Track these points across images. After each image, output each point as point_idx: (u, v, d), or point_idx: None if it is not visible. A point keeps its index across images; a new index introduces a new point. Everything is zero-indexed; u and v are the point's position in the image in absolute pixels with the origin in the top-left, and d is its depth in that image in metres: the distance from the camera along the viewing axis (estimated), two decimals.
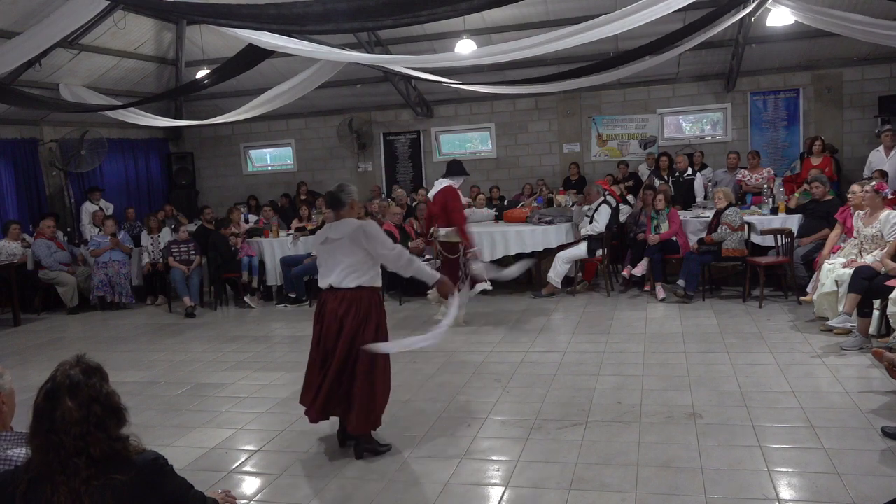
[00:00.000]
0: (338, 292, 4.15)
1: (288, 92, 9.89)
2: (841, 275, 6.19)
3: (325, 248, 4.26)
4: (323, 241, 4.28)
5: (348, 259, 4.15)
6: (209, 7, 5.80)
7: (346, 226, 4.22)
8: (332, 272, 4.19)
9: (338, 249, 4.17)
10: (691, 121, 12.56)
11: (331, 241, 4.22)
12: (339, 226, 4.25)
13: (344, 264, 4.15)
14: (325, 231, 4.36)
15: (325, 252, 4.26)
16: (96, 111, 10.17)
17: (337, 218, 4.31)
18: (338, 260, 4.17)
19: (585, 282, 9.04)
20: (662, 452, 4.02)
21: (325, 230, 4.36)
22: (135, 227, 11.18)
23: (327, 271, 4.22)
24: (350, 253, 4.14)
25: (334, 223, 4.30)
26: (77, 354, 2.13)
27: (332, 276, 4.18)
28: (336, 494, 3.80)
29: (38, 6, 7.86)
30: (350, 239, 4.14)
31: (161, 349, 7.45)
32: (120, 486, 2.02)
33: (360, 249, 4.14)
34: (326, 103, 12.89)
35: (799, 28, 9.46)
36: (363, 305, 4.15)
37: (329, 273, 4.20)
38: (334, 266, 4.18)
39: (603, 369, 5.66)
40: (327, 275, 4.22)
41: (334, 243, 4.19)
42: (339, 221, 4.28)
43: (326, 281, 4.22)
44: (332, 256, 4.20)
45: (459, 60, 8.79)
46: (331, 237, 4.23)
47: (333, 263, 4.19)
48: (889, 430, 4.03)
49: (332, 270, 4.19)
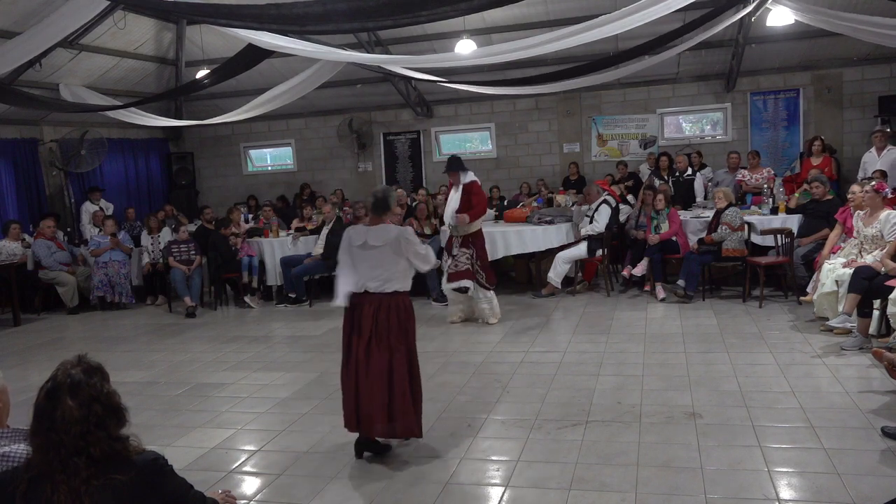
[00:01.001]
0: (374, 297, 4.14)
1: (288, 92, 9.89)
2: (841, 275, 6.19)
3: (362, 253, 4.19)
4: (360, 245, 4.21)
5: (391, 267, 4.16)
6: (209, 7, 5.80)
7: (387, 233, 4.19)
8: (369, 277, 4.15)
9: (378, 256, 4.15)
10: (691, 121, 12.56)
11: (369, 247, 4.17)
12: (380, 232, 4.20)
13: (384, 271, 4.15)
14: (361, 233, 4.26)
15: (361, 256, 4.20)
16: (96, 111, 10.17)
17: (376, 222, 4.27)
18: (377, 266, 4.15)
19: (585, 282, 9.04)
20: (662, 452, 4.02)
21: (362, 233, 4.26)
22: (135, 227, 11.17)
23: (364, 275, 4.17)
24: (393, 262, 4.16)
25: (374, 228, 4.24)
26: (78, 354, 2.14)
27: (369, 281, 4.15)
28: (336, 494, 3.80)
29: (38, 6, 7.86)
30: (392, 248, 4.15)
31: (161, 349, 7.45)
32: (120, 486, 2.02)
33: (402, 258, 4.18)
34: (326, 103, 12.89)
35: (799, 28, 9.47)
36: (401, 310, 4.17)
37: (366, 277, 4.16)
38: (372, 271, 4.15)
39: (603, 369, 5.66)
40: (364, 279, 4.17)
41: (374, 249, 4.16)
42: (379, 227, 4.23)
43: (362, 285, 4.17)
44: (370, 261, 4.17)
45: (459, 60, 8.79)
46: (370, 242, 4.17)
47: (371, 268, 4.16)
48: (889, 430, 4.03)
49: (370, 275, 4.15)
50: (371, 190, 4.44)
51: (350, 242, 4.26)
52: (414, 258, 4.23)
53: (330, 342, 7.21)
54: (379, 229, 4.23)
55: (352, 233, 4.31)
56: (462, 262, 7.39)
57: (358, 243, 4.22)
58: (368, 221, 4.34)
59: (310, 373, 6.13)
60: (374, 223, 4.27)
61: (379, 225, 4.25)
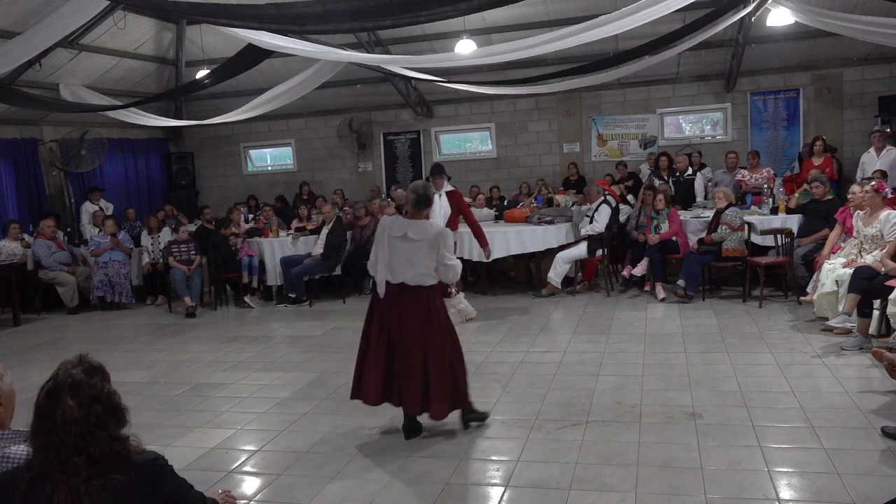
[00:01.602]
0: (412, 289, 4.29)
1: (288, 92, 9.89)
2: (841, 275, 6.19)
3: (400, 244, 4.31)
4: (400, 236, 4.31)
5: (426, 262, 4.29)
6: (209, 7, 5.80)
7: (426, 229, 4.32)
8: (406, 270, 4.29)
9: (415, 250, 4.28)
10: (691, 121, 12.56)
11: (408, 240, 4.29)
12: (419, 227, 4.32)
13: (421, 265, 4.29)
14: (401, 225, 4.36)
15: (399, 247, 4.31)
16: (96, 111, 10.17)
17: (416, 216, 4.38)
18: (414, 260, 4.28)
19: (585, 282, 9.04)
20: (662, 452, 4.02)
21: (402, 225, 4.36)
22: (135, 227, 11.17)
23: (401, 268, 4.31)
24: (428, 257, 4.29)
25: (413, 222, 4.35)
26: (79, 354, 2.14)
27: (406, 273, 4.29)
28: (336, 494, 3.80)
29: (38, 6, 7.86)
30: (430, 244, 4.27)
31: (161, 349, 7.45)
32: (120, 486, 2.02)
33: (435, 254, 4.30)
34: (326, 103, 12.89)
35: (799, 28, 9.47)
36: (437, 301, 4.37)
37: (403, 270, 4.30)
38: (409, 264, 4.29)
39: (603, 369, 5.66)
40: (401, 271, 4.30)
41: (412, 243, 4.28)
42: (418, 222, 4.35)
43: (399, 277, 4.31)
44: (407, 254, 4.29)
45: (459, 60, 8.79)
46: (410, 235, 4.29)
47: (408, 261, 4.29)
48: (889, 430, 4.03)
49: (407, 268, 4.29)
50: (411, 185, 4.52)
51: (389, 232, 4.35)
52: (442, 261, 4.32)
53: (330, 342, 7.21)
54: (420, 224, 4.35)
55: (391, 223, 4.41)
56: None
57: (397, 234, 4.33)
58: (408, 215, 4.45)
59: (310, 373, 6.13)
60: (414, 217, 4.39)
61: (419, 220, 4.36)
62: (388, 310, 4.36)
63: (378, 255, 4.39)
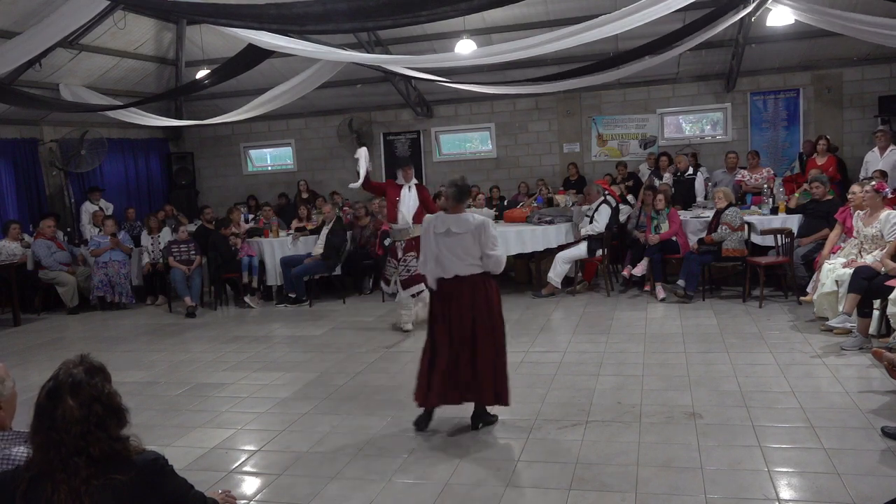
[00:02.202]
0: (465, 280, 4.41)
1: (288, 92, 9.89)
2: (841, 275, 6.19)
3: (445, 240, 4.42)
4: (444, 232, 4.42)
5: (472, 253, 4.39)
6: (209, 7, 5.80)
7: (468, 221, 4.42)
8: (455, 263, 4.41)
9: (461, 243, 4.38)
10: (691, 121, 12.56)
11: (452, 234, 4.40)
12: (461, 221, 4.43)
13: (467, 257, 4.40)
14: (443, 221, 4.47)
15: (444, 243, 4.42)
16: (96, 111, 10.17)
17: (457, 210, 4.48)
18: (460, 253, 4.40)
19: (585, 282, 9.04)
20: (662, 452, 4.02)
21: (445, 221, 4.47)
22: (135, 227, 11.17)
23: (449, 262, 4.42)
24: (473, 248, 4.39)
25: (455, 217, 4.46)
26: (81, 354, 2.14)
27: (455, 267, 4.41)
28: (336, 494, 3.80)
29: (38, 6, 7.85)
30: (473, 235, 4.37)
31: (161, 349, 7.45)
32: (120, 486, 2.02)
33: (478, 245, 4.38)
34: (326, 103, 12.89)
35: (799, 28, 9.47)
36: (490, 288, 4.48)
37: (452, 264, 4.42)
38: (457, 258, 4.40)
39: (603, 369, 5.66)
40: (450, 265, 4.42)
41: (456, 237, 4.39)
42: (460, 216, 4.46)
43: (451, 271, 4.42)
44: (454, 249, 4.40)
45: (459, 60, 8.79)
46: (453, 230, 4.40)
47: (455, 255, 4.41)
48: (889, 430, 4.03)
49: (456, 262, 4.41)
50: (450, 180, 4.59)
51: (434, 230, 4.47)
52: (488, 250, 4.39)
53: (330, 342, 7.21)
54: (461, 218, 4.45)
55: (435, 221, 4.53)
56: (413, 267, 7.13)
57: (441, 230, 4.45)
58: (450, 210, 4.53)
59: (310, 373, 6.13)
60: (456, 211, 4.49)
61: (460, 214, 4.47)
62: (447, 305, 4.47)
63: (426, 253, 4.53)
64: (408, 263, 7.19)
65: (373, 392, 5.50)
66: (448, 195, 4.52)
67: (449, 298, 4.45)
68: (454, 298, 4.43)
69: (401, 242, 7.29)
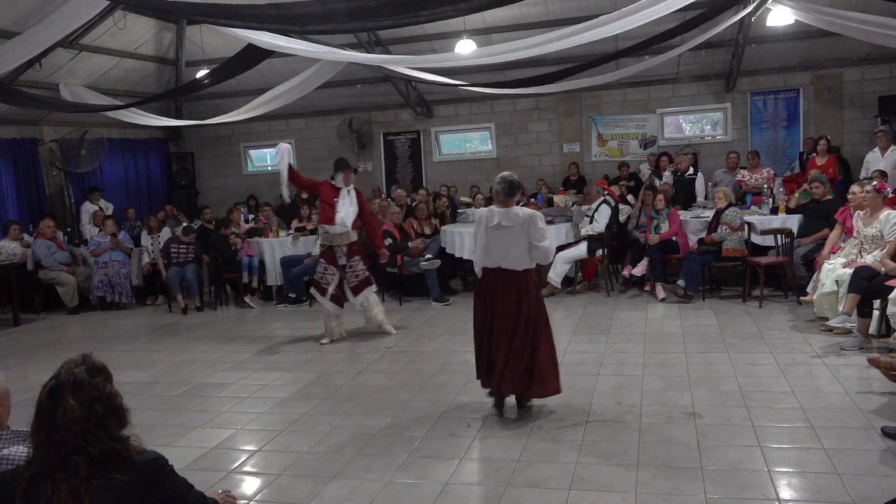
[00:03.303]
0: (508, 273, 4.61)
1: (288, 92, 9.89)
2: (841, 275, 6.19)
3: (495, 233, 4.62)
4: (495, 225, 4.61)
5: (519, 245, 4.59)
6: (209, 7, 5.80)
7: (518, 214, 4.63)
8: (503, 255, 4.62)
9: (509, 236, 4.59)
10: (691, 121, 12.56)
11: (502, 227, 4.60)
12: (511, 214, 4.63)
13: (515, 249, 4.59)
14: (494, 215, 4.66)
15: (494, 236, 4.63)
16: (96, 111, 10.17)
17: (507, 204, 4.67)
18: (509, 245, 4.60)
19: (585, 282, 9.04)
20: (662, 452, 4.02)
21: (495, 214, 4.65)
22: (135, 227, 11.18)
23: (497, 254, 4.63)
24: (520, 241, 4.58)
25: (505, 210, 4.65)
26: (83, 353, 2.14)
27: (503, 259, 4.62)
28: (336, 494, 3.80)
29: (38, 6, 7.85)
30: (521, 227, 4.57)
31: (161, 349, 7.45)
32: (120, 486, 2.02)
33: (527, 237, 4.58)
34: (326, 103, 12.89)
35: (799, 28, 9.47)
36: (532, 285, 4.68)
37: (500, 256, 4.63)
38: (505, 250, 4.61)
39: (603, 369, 5.66)
40: (498, 257, 4.63)
41: (506, 230, 4.59)
42: (510, 209, 4.66)
43: (497, 262, 4.63)
44: (502, 241, 4.61)
45: (459, 60, 8.79)
46: (503, 223, 4.60)
47: (504, 247, 4.61)
48: (889, 430, 4.03)
49: (504, 254, 4.62)
50: (500, 176, 4.73)
51: (485, 223, 4.67)
52: (535, 241, 4.58)
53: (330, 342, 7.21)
54: (510, 211, 4.65)
55: (486, 214, 4.72)
56: (360, 270, 7.00)
57: (492, 224, 4.64)
58: (500, 204, 4.71)
59: (310, 373, 6.13)
60: (506, 205, 4.68)
61: (510, 208, 4.66)
62: (488, 294, 4.66)
63: (476, 243, 4.79)
64: (355, 269, 6.92)
65: (373, 392, 5.50)
66: (499, 190, 4.70)
67: (496, 289, 4.64)
68: (501, 289, 4.62)
69: (341, 248, 6.93)
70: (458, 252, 9.07)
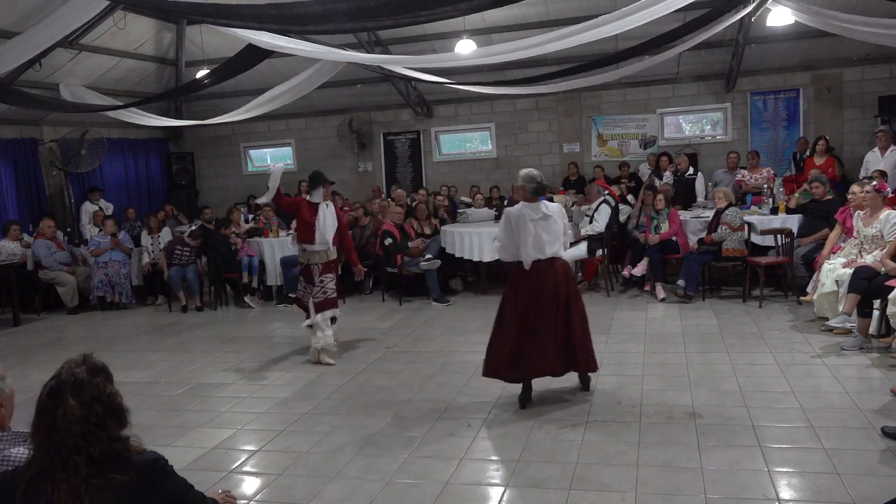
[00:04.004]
0: (554, 262, 4.93)
1: (288, 92, 9.89)
2: (841, 275, 6.19)
3: (543, 223, 4.89)
4: (541, 217, 4.89)
5: (559, 234, 4.96)
6: (209, 7, 5.80)
7: (550, 207, 4.99)
8: (548, 245, 4.91)
9: (552, 226, 4.92)
10: (691, 121, 12.56)
11: (547, 218, 4.91)
12: (547, 206, 4.97)
13: (557, 240, 4.95)
14: (534, 209, 4.90)
15: (542, 226, 4.90)
16: (96, 111, 10.17)
17: (535, 201, 4.95)
18: (553, 235, 4.93)
19: (585, 282, 9.03)
20: (662, 452, 4.02)
21: (535, 208, 4.90)
22: (135, 227, 11.18)
23: (542, 244, 4.89)
24: (558, 230, 4.96)
25: (536, 204, 4.93)
26: (84, 353, 2.14)
27: (548, 248, 4.91)
28: (336, 494, 3.80)
29: (38, 6, 7.85)
30: (559, 217, 4.98)
31: (161, 349, 7.45)
32: (120, 486, 2.02)
33: (562, 226, 4.99)
34: (326, 103, 12.89)
35: (799, 28, 9.46)
36: (569, 271, 5.11)
37: (545, 246, 4.90)
38: (552, 239, 4.92)
39: (603, 369, 5.63)
40: (543, 247, 4.89)
41: (549, 220, 4.91)
42: (541, 203, 4.97)
43: (545, 252, 4.90)
44: (548, 232, 4.90)
45: (459, 60, 8.78)
46: (546, 213, 4.91)
47: (550, 237, 4.91)
48: (889, 430, 4.03)
49: (551, 243, 4.92)
50: (529, 175, 4.96)
51: (527, 218, 4.88)
52: (567, 230, 5.12)
53: None
54: (545, 204, 4.98)
55: (525, 210, 4.92)
56: (330, 289, 6.50)
57: (536, 217, 4.89)
58: (529, 201, 4.95)
59: (310, 373, 6.13)
60: (535, 202, 4.94)
61: (540, 202, 4.96)
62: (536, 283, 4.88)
63: (520, 239, 4.90)
64: (324, 285, 6.48)
65: (373, 392, 5.50)
66: (528, 189, 4.94)
67: (545, 277, 4.88)
68: (548, 277, 4.88)
69: (317, 265, 6.46)
70: (459, 252, 9.07)
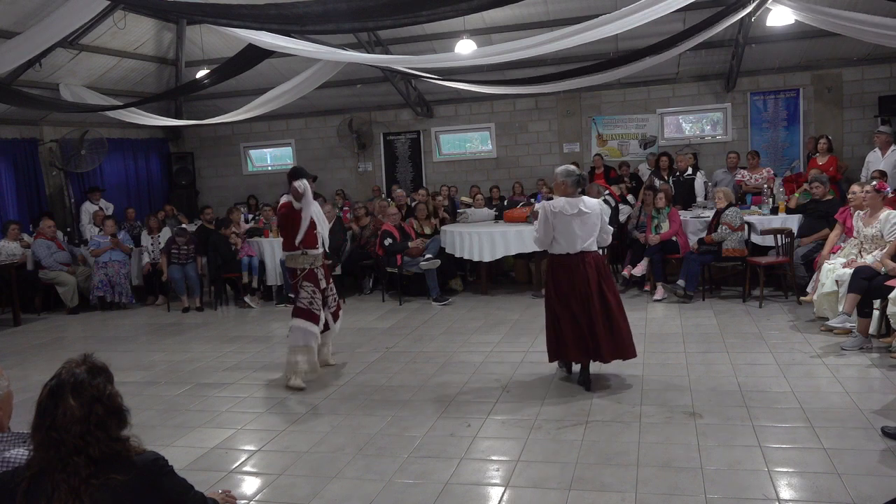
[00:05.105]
0: (589, 255, 5.13)
1: (288, 92, 9.89)
2: (841, 275, 6.19)
3: (579, 218, 5.07)
4: (577, 212, 5.06)
5: (594, 229, 5.14)
6: (209, 7, 5.80)
7: (587, 203, 5.16)
8: (584, 238, 5.11)
9: (589, 220, 5.10)
10: (691, 121, 12.56)
11: (583, 213, 5.07)
12: (585, 202, 5.14)
13: (590, 235, 5.13)
14: (571, 204, 5.07)
15: (579, 220, 5.08)
16: (96, 111, 10.17)
17: (575, 195, 5.14)
18: (591, 229, 5.12)
19: None
20: (662, 452, 4.02)
21: (573, 203, 5.07)
22: (135, 227, 11.18)
23: (578, 237, 5.09)
24: (595, 224, 5.14)
25: (576, 199, 5.11)
26: (84, 353, 2.14)
27: (584, 242, 5.12)
28: (336, 494, 3.80)
29: (38, 6, 7.86)
30: (595, 213, 5.13)
31: (161, 349, 7.45)
32: (120, 486, 2.02)
33: (599, 222, 5.17)
34: (326, 103, 12.89)
35: (799, 28, 9.47)
36: (604, 263, 5.34)
37: (581, 239, 5.10)
38: (589, 233, 5.12)
39: (603, 369, 5.65)
40: (579, 240, 5.10)
41: (586, 215, 5.08)
42: (580, 198, 5.15)
43: (581, 245, 5.11)
44: (585, 225, 5.09)
45: (459, 60, 8.78)
46: (583, 209, 5.08)
47: (587, 231, 5.11)
48: (889, 430, 4.03)
49: (585, 237, 5.11)
50: (567, 170, 5.18)
51: (564, 213, 5.06)
52: (603, 227, 5.24)
53: None
54: (584, 200, 5.16)
55: (563, 205, 5.08)
56: (335, 294, 6.21)
57: (573, 212, 5.06)
58: (569, 195, 5.13)
59: (310, 373, 6.12)
60: (574, 196, 5.13)
61: (579, 197, 5.14)
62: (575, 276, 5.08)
63: (555, 233, 5.12)
64: (333, 292, 6.16)
65: (373, 392, 5.50)
66: (569, 182, 5.13)
67: (576, 270, 5.08)
68: (582, 270, 5.07)
69: (320, 269, 5.96)
70: (458, 252, 9.07)
